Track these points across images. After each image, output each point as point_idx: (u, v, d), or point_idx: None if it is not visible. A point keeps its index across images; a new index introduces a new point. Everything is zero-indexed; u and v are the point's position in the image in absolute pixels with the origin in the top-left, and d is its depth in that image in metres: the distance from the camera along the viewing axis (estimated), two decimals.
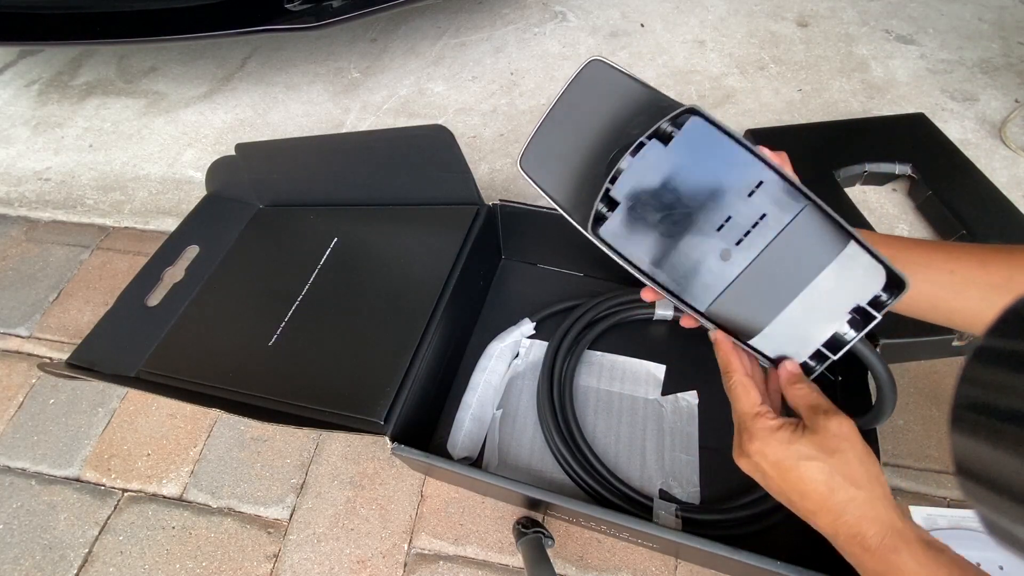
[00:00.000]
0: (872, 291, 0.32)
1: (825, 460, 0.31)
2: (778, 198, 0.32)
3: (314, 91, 1.05)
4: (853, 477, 0.31)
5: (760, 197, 0.32)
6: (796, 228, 0.32)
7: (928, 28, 1.07)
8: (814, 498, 0.31)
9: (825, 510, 0.31)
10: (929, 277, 0.34)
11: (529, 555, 0.48)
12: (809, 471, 0.31)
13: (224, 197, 0.73)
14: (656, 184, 0.34)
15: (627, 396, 0.60)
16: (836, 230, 0.32)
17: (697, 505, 0.52)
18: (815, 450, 0.31)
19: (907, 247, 0.36)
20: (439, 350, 0.56)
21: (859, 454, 0.31)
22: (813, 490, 0.31)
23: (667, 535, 0.42)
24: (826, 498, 0.31)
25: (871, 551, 0.30)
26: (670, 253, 0.35)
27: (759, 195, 0.32)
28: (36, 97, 1.09)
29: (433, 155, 0.60)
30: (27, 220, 0.86)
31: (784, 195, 0.32)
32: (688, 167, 0.33)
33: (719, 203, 0.33)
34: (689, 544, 0.41)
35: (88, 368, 0.56)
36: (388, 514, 0.55)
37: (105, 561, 0.54)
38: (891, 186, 0.80)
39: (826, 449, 0.31)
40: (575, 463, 0.54)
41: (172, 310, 0.62)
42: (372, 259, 0.63)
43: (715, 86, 0.98)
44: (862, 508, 0.30)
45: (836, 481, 0.31)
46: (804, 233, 0.32)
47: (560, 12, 1.17)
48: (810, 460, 0.31)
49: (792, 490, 0.32)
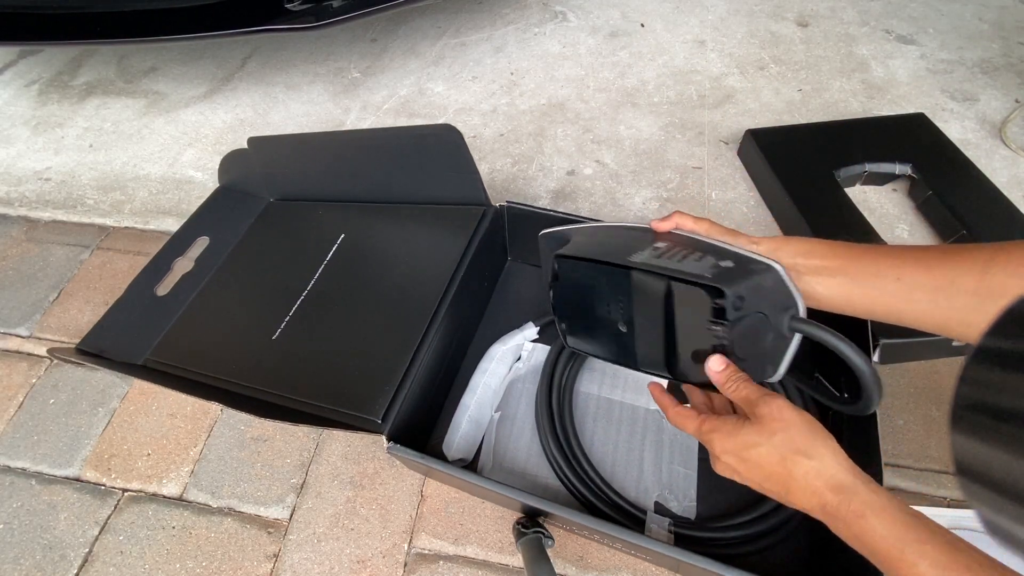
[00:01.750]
0: (707, 307, 0.36)
1: (769, 441, 0.33)
2: (630, 286, 0.40)
3: (314, 91, 1.05)
4: (802, 449, 0.32)
5: (623, 290, 0.41)
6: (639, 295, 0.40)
7: (928, 28, 1.07)
8: (779, 479, 0.33)
9: (795, 488, 0.33)
10: (878, 285, 0.36)
11: (529, 555, 0.48)
12: (761, 456, 0.34)
13: (236, 190, 0.74)
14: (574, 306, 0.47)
15: (628, 405, 0.59)
16: (656, 278, 0.38)
17: (692, 520, 0.52)
18: (758, 436, 0.34)
19: (857, 256, 0.37)
20: (440, 350, 0.56)
21: (800, 428, 0.33)
22: (773, 472, 0.33)
23: (657, 548, 0.41)
24: (787, 477, 0.33)
25: (841, 518, 0.31)
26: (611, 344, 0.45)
27: (621, 288, 0.41)
28: (36, 97, 1.09)
29: (441, 155, 0.60)
30: (27, 220, 0.86)
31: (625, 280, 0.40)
32: (577, 290, 0.45)
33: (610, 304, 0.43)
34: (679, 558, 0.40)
35: (97, 355, 0.56)
36: (388, 514, 0.55)
37: (105, 561, 0.54)
38: (891, 186, 0.80)
39: (767, 431, 0.33)
40: (569, 470, 0.53)
41: (180, 300, 0.63)
42: (377, 256, 0.63)
43: (715, 86, 0.98)
44: (821, 477, 0.32)
45: (789, 458, 0.32)
46: (645, 294, 0.40)
47: (560, 12, 1.17)
48: (757, 447, 0.34)
49: (761, 477, 0.34)
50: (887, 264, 0.36)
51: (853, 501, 0.30)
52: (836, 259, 0.37)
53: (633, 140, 0.90)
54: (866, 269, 0.36)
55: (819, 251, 0.38)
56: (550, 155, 0.89)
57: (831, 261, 0.37)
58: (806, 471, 0.32)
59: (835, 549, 0.34)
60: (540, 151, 0.90)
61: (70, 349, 0.57)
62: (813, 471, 0.32)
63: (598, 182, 0.84)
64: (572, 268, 0.44)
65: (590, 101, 0.97)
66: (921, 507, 0.52)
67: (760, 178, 0.81)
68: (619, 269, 0.40)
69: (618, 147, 0.89)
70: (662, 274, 0.38)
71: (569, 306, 0.47)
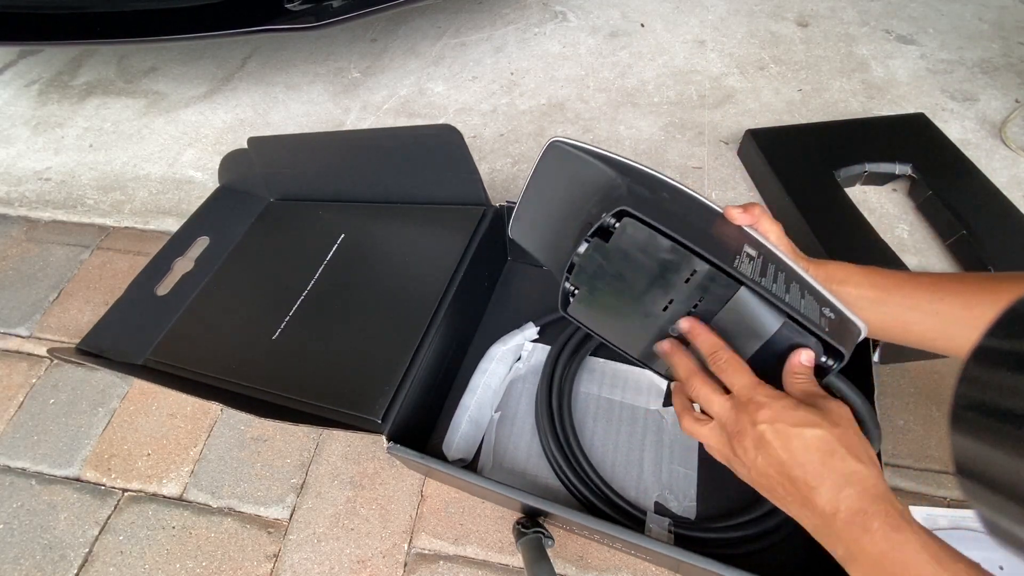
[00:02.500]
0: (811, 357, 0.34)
1: (829, 429, 0.31)
2: (711, 284, 0.35)
3: (314, 91, 1.05)
4: (856, 451, 0.30)
5: (696, 283, 0.35)
6: (731, 309, 0.35)
7: (928, 28, 1.07)
8: (815, 467, 0.30)
9: (828, 483, 0.30)
10: (916, 319, 0.36)
11: (529, 555, 0.48)
12: (811, 439, 0.31)
13: (236, 190, 0.74)
14: (603, 275, 0.38)
15: (628, 405, 0.59)
16: (771, 309, 0.34)
17: (692, 520, 0.52)
18: (821, 419, 0.31)
19: (894, 286, 0.37)
20: (440, 350, 0.56)
21: (859, 434, 0.31)
22: (810, 461, 0.31)
23: (658, 548, 0.41)
24: (829, 472, 0.30)
25: (872, 532, 0.29)
26: (625, 327, 0.39)
27: (695, 281, 0.35)
28: (36, 97, 1.09)
29: (441, 155, 0.60)
30: (27, 220, 0.86)
31: (716, 282, 0.35)
32: (628, 260, 0.37)
33: (661, 288, 0.37)
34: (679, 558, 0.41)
35: (97, 355, 0.56)
36: (388, 514, 0.55)
37: (105, 561, 0.54)
38: (891, 186, 0.80)
39: (830, 421, 0.31)
40: (569, 470, 0.53)
41: (180, 300, 0.63)
42: (377, 257, 0.63)
43: (715, 86, 0.98)
44: (865, 483, 0.30)
45: (839, 451, 0.30)
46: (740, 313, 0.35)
47: (560, 12, 1.17)
48: (815, 427, 0.31)
49: (792, 461, 0.31)
50: (924, 297, 0.36)
51: (892, 513, 0.29)
52: (873, 289, 0.37)
53: (633, 140, 0.90)
54: (903, 301, 0.36)
55: (855, 279, 0.38)
56: None
57: (868, 291, 0.37)
58: (853, 471, 0.30)
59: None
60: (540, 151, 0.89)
61: (70, 349, 0.57)
62: (860, 474, 0.30)
63: None
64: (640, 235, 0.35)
65: (590, 101, 0.97)
66: (921, 507, 0.52)
67: (760, 178, 0.81)
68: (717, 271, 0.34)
69: (618, 147, 0.89)
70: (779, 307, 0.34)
71: (599, 270, 0.38)
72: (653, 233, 0.35)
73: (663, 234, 0.35)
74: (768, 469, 0.32)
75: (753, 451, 0.33)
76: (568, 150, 0.44)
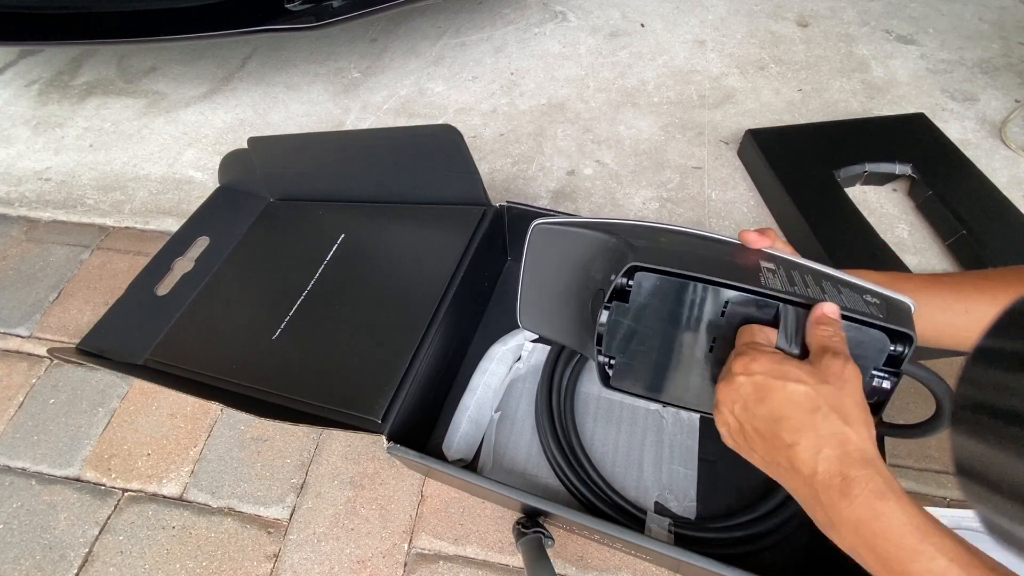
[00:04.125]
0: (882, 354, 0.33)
1: (814, 387, 0.29)
2: (748, 310, 0.33)
3: (314, 91, 1.05)
4: (843, 412, 0.29)
5: (733, 313, 0.34)
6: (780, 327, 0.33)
7: (928, 28, 1.07)
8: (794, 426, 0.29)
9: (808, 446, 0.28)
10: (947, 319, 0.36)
11: (529, 555, 0.48)
12: (794, 394, 0.29)
13: (236, 190, 0.74)
14: (635, 335, 0.36)
15: (628, 405, 0.59)
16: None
17: (692, 520, 0.52)
18: (808, 376, 0.30)
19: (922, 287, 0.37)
20: (441, 351, 0.56)
21: (855, 398, 0.29)
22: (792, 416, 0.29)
23: (658, 548, 0.41)
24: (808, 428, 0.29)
25: (852, 498, 0.27)
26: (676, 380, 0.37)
27: (732, 313, 0.33)
28: (36, 97, 1.09)
29: (441, 155, 0.60)
30: (27, 220, 0.86)
31: (753, 305, 0.33)
32: (654, 313, 0.35)
33: (700, 330, 0.35)
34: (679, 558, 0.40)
35: (98, 355, 0.56)
36: (388, 514, 0.55)
37: (105, 561, 0.54)
38: (891, 186, 0.80)
39: (818, 377, 0.29)
40: (569, 470, 0.53)
41: (180, 300, 0.63)
42: (377, 256, 0.63)
43: (715, 86, 0.98)
44: (847, 446, 0.28)
45: (823, 411, 0.29)
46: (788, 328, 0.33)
47: (560, 12, 1.17)
48: (798, 383, 0.29)
49: (770, 417, 0.30)
50: (953, 297, 0.36)
51: (875, 479, 0.27)
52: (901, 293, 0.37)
53: (633, 140, 0.90)
54: (932, 302, 0.37)
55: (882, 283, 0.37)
56: (550, 155, 0.89)
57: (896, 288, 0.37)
58: (835, 432, 0.28)
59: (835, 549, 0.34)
60: (540, 151, 0.90)
61: (70, 349, 0.57)
62: (842, 436, 0.28)
63: (598, 182, 0.84)
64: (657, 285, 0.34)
65: (590, 101, 0.97)
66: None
67: (760, 178, 0.81)
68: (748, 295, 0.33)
69: (618, 147, 0.89)
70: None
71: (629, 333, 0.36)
72: (670, 279, 0.34)
73: (681, 276, 0.33)
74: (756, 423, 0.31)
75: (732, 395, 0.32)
76: (552, 228, 0.44)
